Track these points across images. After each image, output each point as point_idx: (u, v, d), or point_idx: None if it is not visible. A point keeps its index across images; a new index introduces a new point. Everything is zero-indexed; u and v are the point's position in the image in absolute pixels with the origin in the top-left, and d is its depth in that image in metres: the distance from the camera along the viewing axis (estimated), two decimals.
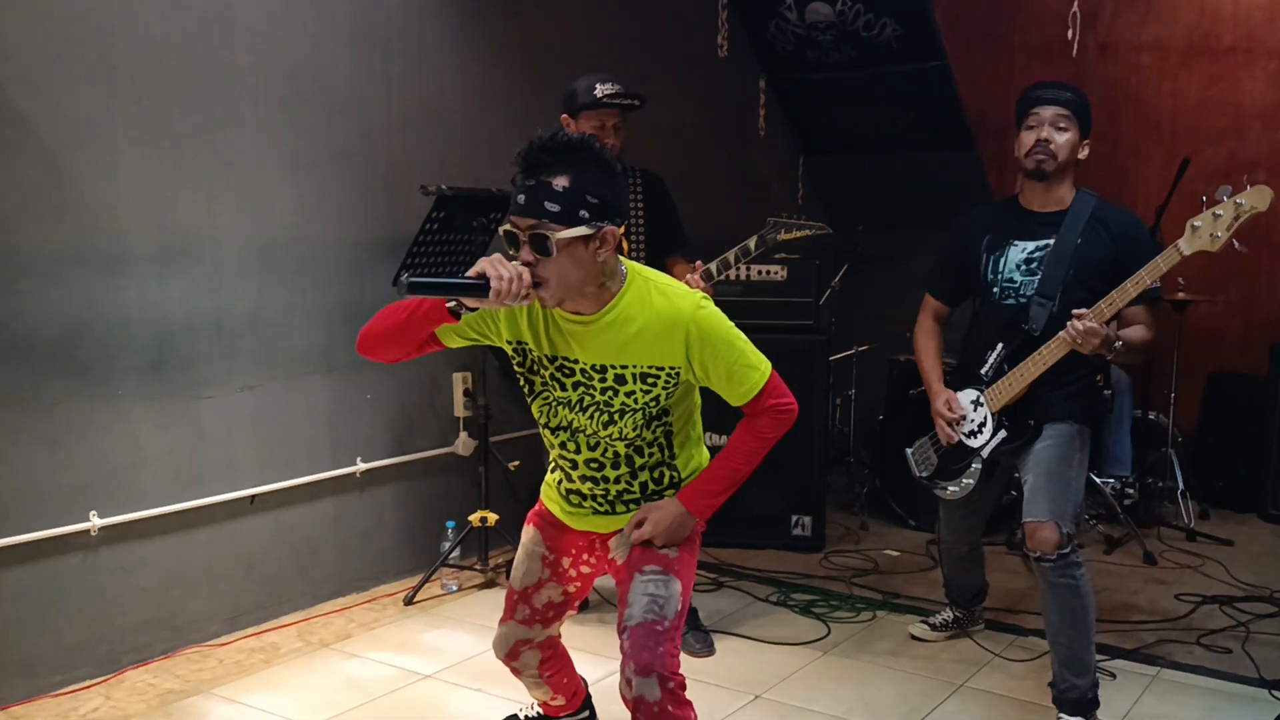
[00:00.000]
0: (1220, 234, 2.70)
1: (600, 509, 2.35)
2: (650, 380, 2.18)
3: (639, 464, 2.29)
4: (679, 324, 2.14)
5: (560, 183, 1.99)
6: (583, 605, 3.80)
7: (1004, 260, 3.10)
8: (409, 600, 3.90)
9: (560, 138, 2.03)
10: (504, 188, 3.88)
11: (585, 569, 2.48)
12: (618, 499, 2.33)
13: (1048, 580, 2.92)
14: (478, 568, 4.10)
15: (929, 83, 5.53)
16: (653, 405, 2.21)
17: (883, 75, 5.61)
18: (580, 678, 2.78)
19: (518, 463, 4.25)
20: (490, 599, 3.93)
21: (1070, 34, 5.67)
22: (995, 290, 3.11)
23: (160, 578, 3.37)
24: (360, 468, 3.97)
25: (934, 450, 3.28)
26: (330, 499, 3.90)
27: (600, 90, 3.38)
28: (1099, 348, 2.80)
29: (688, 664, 2.65)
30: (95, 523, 3.17)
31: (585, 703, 2.83)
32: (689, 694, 2.22)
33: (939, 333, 3.34)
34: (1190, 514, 4.90)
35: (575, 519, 2.41)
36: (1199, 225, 2.73)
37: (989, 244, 3.13)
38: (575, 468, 2.31)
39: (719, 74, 5.70)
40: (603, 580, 2.58)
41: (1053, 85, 3.07)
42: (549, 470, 2.46)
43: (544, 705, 2.77)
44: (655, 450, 2.29)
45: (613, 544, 2.34)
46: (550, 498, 2.47)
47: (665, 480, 2.32)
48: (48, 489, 3.08)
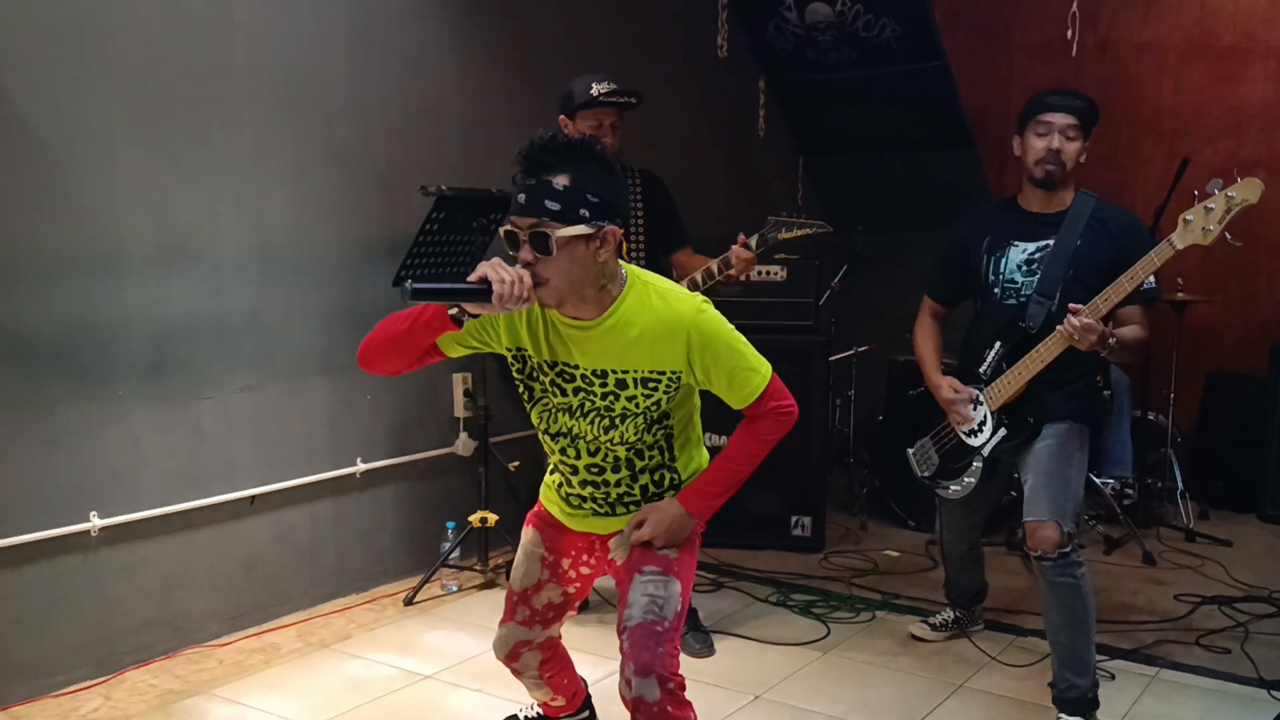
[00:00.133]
0: (1212, 227, 2.70)
1: (600, 511, 2.35)
2: (651, 385, 2.18)
3: (639, 467, 2.29)
4: (680, 328, 2.14)
5: (561, 181, 1.98)
6: (582, 606, 3.79)
7: (1005, 261, 3.10)
8: (409, 601, 3.90)
9: (561, 138, 2.03)
10: (504, 188, 3.88)
11: (585, 570, 2.48)
12: (618, 501, 2.33)
13: (1048, 579, 2.92)
14: (478, 568, 4.11)
15: (929, 83, 5.53)
16: (654, 409, 2.21)
17: (882, 75, 5.61)
18: (580, 678, 2.79)
19: (518, 463, 4.25)
20: (490, 599, 3.93)
21: (1070, 33, 5.67)
22: (996, 291, 3.11)
23: (160, 578, 3.38)
24: (360, 468, 3.97)
25: (935, 450, 3.28)
26: (330, 499, 3.90)
27: (596, 89, 3.37)
28: (1095, 344, 2.80)
29: (687, 664, 2.66)
30: (95, 523, 3.17)
31: (585, 703, 2.83)
32: (689, 694, 2.22)
33: (938, 331, 3.35)
34: (1189, 514, 4.90)
35: (575, 520, 2.41)
36: (1191, 219, 2.73)
37: (989, 245, 3.14)
38: (575, 473, 2.31)
39: (719, 74, 5.70)
40: (602, 581, 2.58)
41: (1065, 93, 3.05)
42: (548, 471, 2.46)
43: (544, 706, 2.78)
44: (656, 453, 2.29)
45: (612, 544, 2.34)
46: (549, 499, 2.47)
47: (666, 482, 2.32)
48: (48, 490, 3.08)
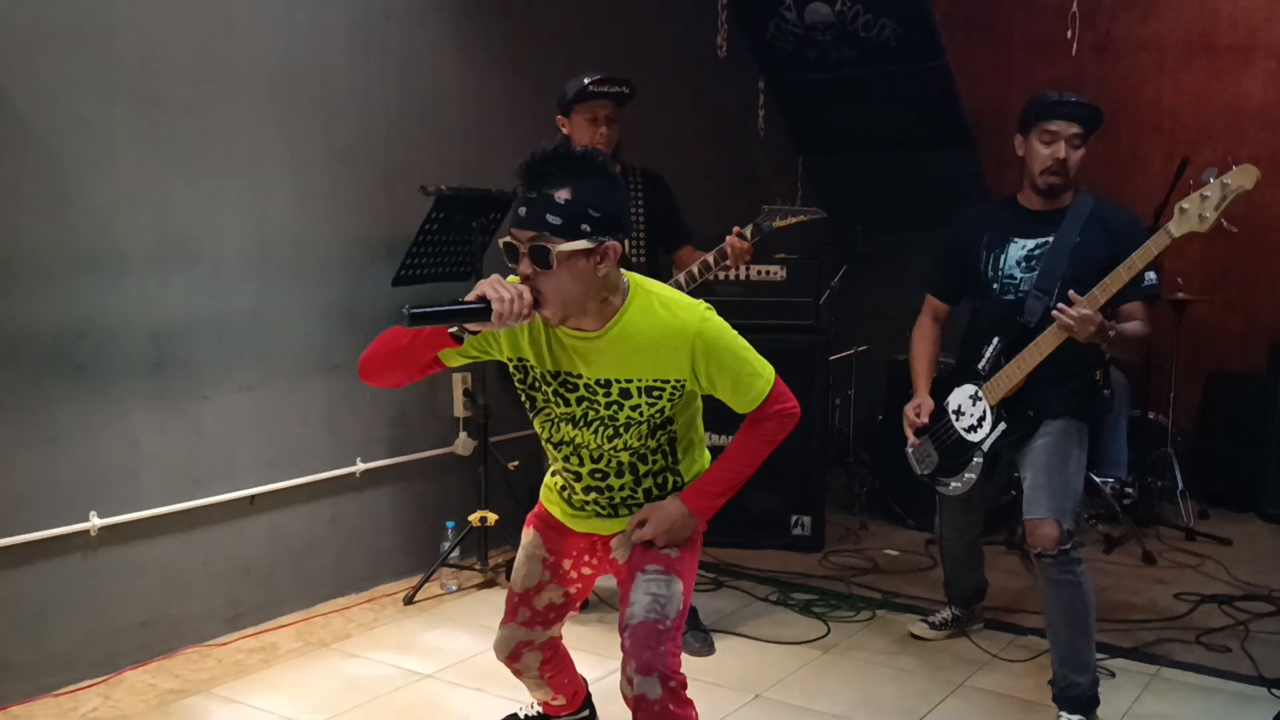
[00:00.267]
0: (1209, 214, 2.69)
1: (603, 512, 2.35)
2: (656, 393, 2.17)
3: (643, 471, 2.29)
4: (684, 337, 2.12)
5: (562, 195, 1.96)
6: (582, 605, 3.80)
7: (1004, 257, 3.11)
8: (408, 600, 3.90)
9: (562, 150, 2.01)
10: (503, 188, 3.88)
11: (586, 570, 2.48)
12: (622, 504, 2.33)
13: (1048, 577, 2.92)
14: (477, 568, 4.10)
15: (928, 82, 5.53)
16: (657, 417, 2.21)
17: (882, 75, 5.60)
18: (581, 677, 2.78)
19: (517, 463, 4.25)
20: (490, 599, 3.93)
21: (1069, 33, 5.67)
22: (995, 286, 3.11)
23: (160, 578, 3.37)
24: (360, 468, 3.97)
25: (935, 447, 3.28)
26: (329, 499, 3.89)
27: (587, 80, 3.39)
28: (1093, 335, 2.79)
29: (687, 663, 2.65)
30: (95, 523, 3.17)
31: (585, 702, 2.83)
32: (689, 693, 2.22)
33: (936, 335, 3.35)
34: (1189, 513, 4.90)
35: (577, 521, 2.41)
36: (1187, 208, 2.73)
37: (989, 241, 3.14)
38: (579, 479, 2.31)
39: (718, 74, 5.70)
40: (602, 580, 2.58)
41: (1071, 99, 3.01)
42: (549, 473, 2.46)
43: (544, 705, 2.78)
44: (659, 457, 2.29)
45: (614, 543, 2.34)
46: (550, 500, 2.46)
47: (669, 485, 2.32)
48: (47, 489, 3.08)
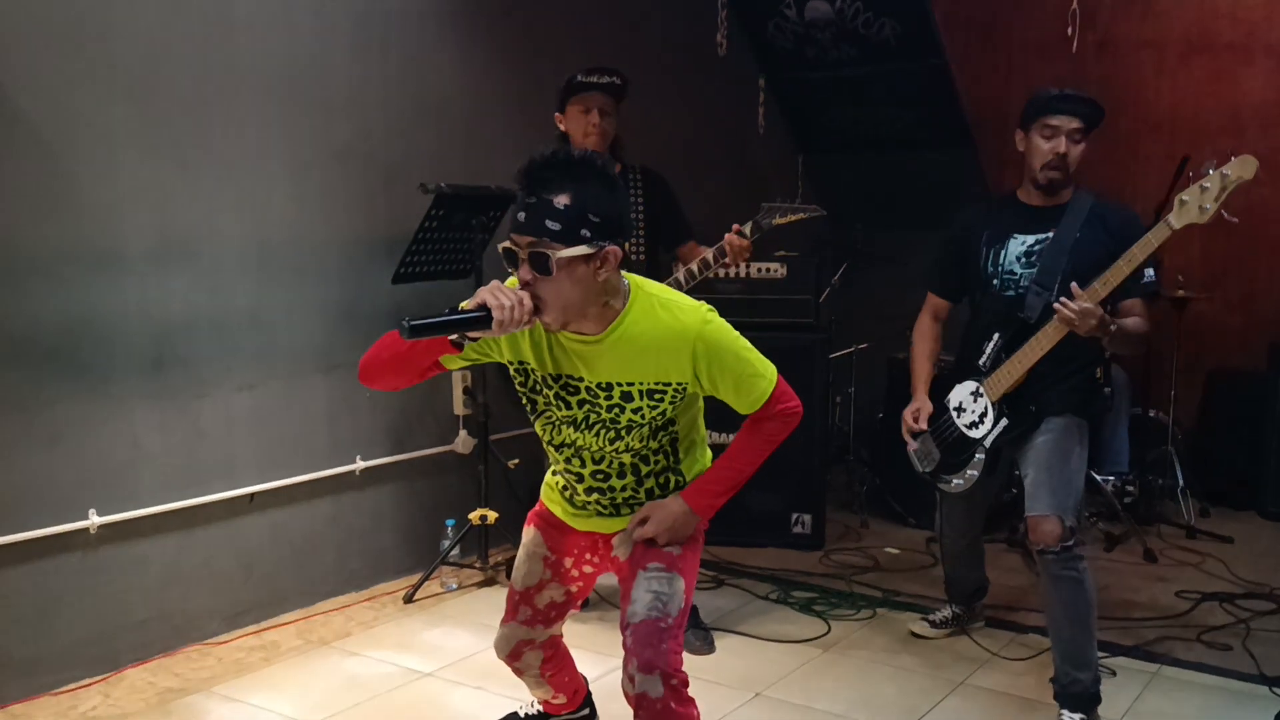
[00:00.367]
0: (1209, 206, 2.68)
1: (604, 511, 2.35)
2: (657, 396, 2.17)
3: (645, 471, 2.29)
4: (686, 340, 2.12)
5: (562, 200, 1.95)
6: (583, 604, 3.80)
7: (1004, 253, 3.11)
8: (408, 598, 3.89)
9: (561, 154, 2.00)
10: (503, 186, 3.87)
11: (588, 569, 2.48)
12: (623, 504, 2.33)
13: (1050, 573, 2.92)
14: (477, 566, 4.10)
15: (928, 81, 5.52)
16: (659, 419, 2.21)
17: (882, 73, 5.60)
18: (581, 675, 2.78)
19: (517, 461, 4.24)
20: (490, 597, 3.92)
21: (1069, 31, 5.66)
22: (995, 282, 3.11)
23: (159, 576, 3.37)
24: (359, 466, 3.96)
25: (936, 445, 3.28)
26: (329, 497, 3.89)
27: (579, 73, 3.39)
28: (1094, 328, 2.79)
29: (687, 662, 2.65)
30: (94, 521, 3.17)
31: (586, 700, 2.83)
32: (690, 692, 2.22)
33: (937, 334, 3.35)
34: (1190, 511, 4.90)
35: (578, 520, 2.40)
36: (1187, 200, 2.72)
37: (989, 238, 3.14)
38: (581, 480, 2.31)
39: (718, 72, 5.69)
40: (603, 579, 2.58)
41: (1072, 95, 3.00)
42: (550, 471, 2.45)
43: (545, 704, 2.78)
44: (661, 458, 2.29)
45: (616, 541, 2.34)
46: (552, 499, 2.46)
47: (671, 485, 2.32)
48: (47, 487, 3.07)
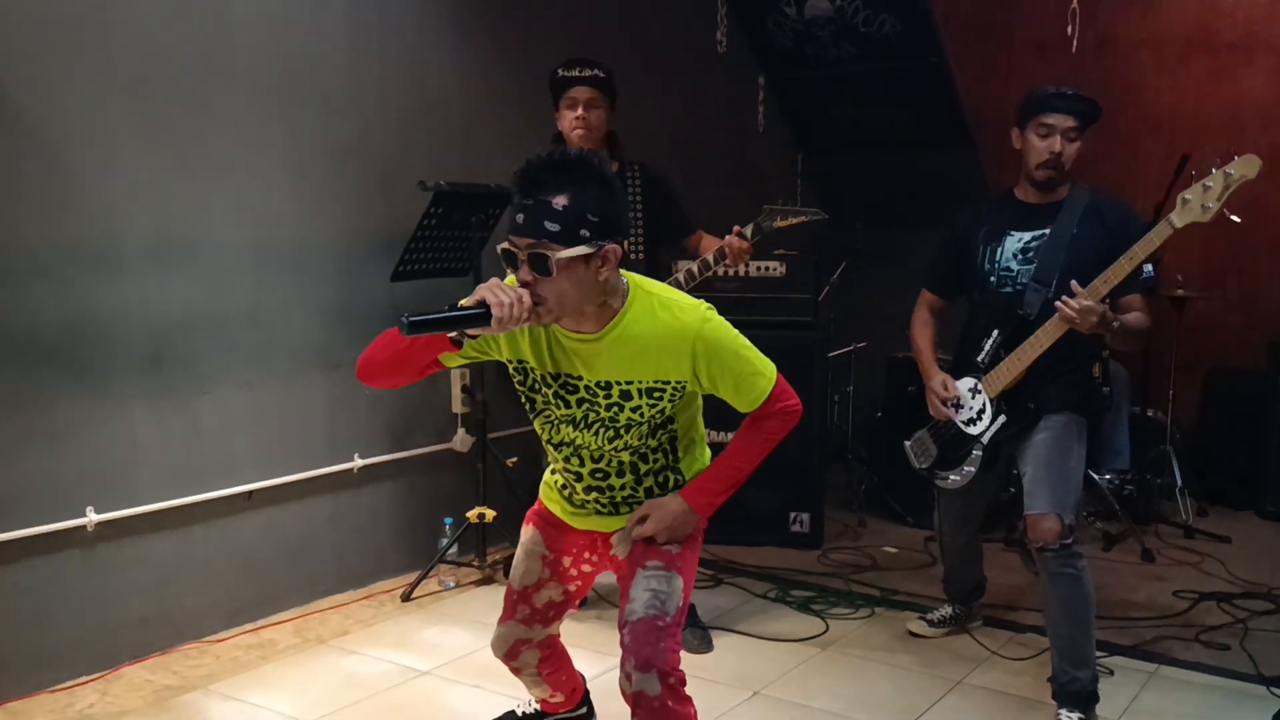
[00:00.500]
0: (1211, 205, 2.68)
1: (604, 510, 2.35)
2: (656, 395, 2.17)
3: (644, 470, 2.29)
4: (685, 339, 2.12)
5: (560, 201, 1.95)
6: (581, 603, 3.80)
7: (1001, 250, 3.11)
8: (406, 597, 3.89)
9: (557, 155, 1.99)
10: (502, 184, 3.86)
11: (586, 567, 2.48)
12: (622, 503, 2.33)
13: (1049, 571, 2.92)
14: (475, 564, 4.10)
15: (928, 79, 5.51)
16: (658, 417, 2.21)
17: (882, 71, 5.59)
18: (579, 674, 2.78)
19: (516, 459, 4.24)
20: (488, 595, 3.92)
21: (1070, 29, 5.65)
22: (993, 279, 3.11)
23: (157, 574, 3.37)
24: (358, 464, 3.96)
25: (933, 441, 3.28)
26: (328, 495, 3.89)
27: (563, 65, 3.40)
28: (1097, 326, 2.78)
29: (685, 660, 2.64)
30: (92, 518, 3.16)
31: (584, 699, 2.83)
32: (687, 690, 2.22)
33: (934, 323, 3.36)
34: (1188, 511, 4.89)
35: (577, 519, 2.40)
36: (1190, 198, 2.72)
37: (986, 235, 3.15)
38: (580, 479, 2.31)
39: (717, 70, 5.69)
40: (601, 577, 2.58)
41: (1067, 93, 3.00)
42: (548, 470, 2.45)
43: (542, 703, 2.77)
44: (660, 456, 2.29)
45: (614, 539, 2.34)
46: (550, 498, 2.46)
47: (670, 484, 2.32)
48: (45, 485, 3.07)
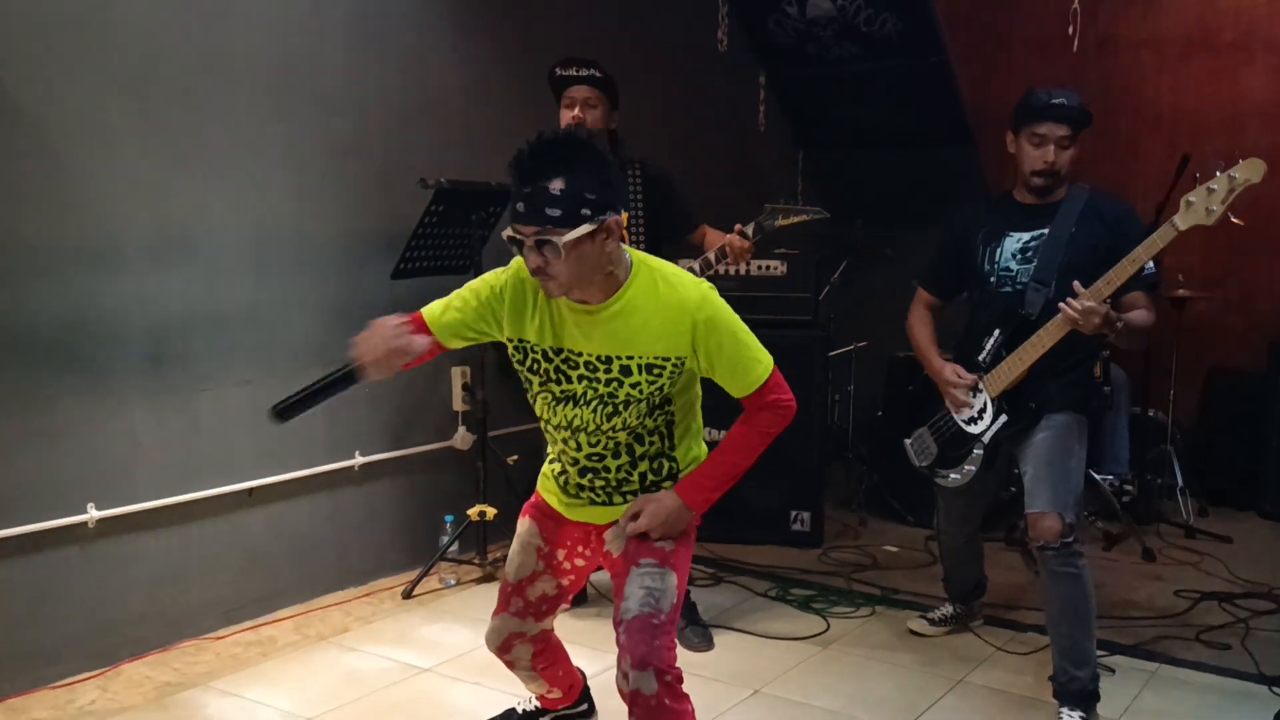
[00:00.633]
0: (1215, 208, 2.68)
1: (598, 499, 2.35)
2: (656, 371, 2.18)
3: (639, 453, 2.29)
4: (686, 314, 2.14)
5: (557, 186, 1.99)
6: (580, 600, 3.81)
7: (1000, 250, 3.11)
8: (407, 594, 3.89)
9: (546, 139, 2.03)
10: (503, 182, 3.84)
11: (580, 561, 2.48)
12: (616, 490, 2.32)
13: (1050, 569, 2.92)
14: (476, 562, 4.10)
15: (929, 78, 5.51)
16: (656, 395, 2.21)
17: (883, 71, 5.59)
18: (577, 671, 2.78)
19: (516, 457, 4.24)
20: (488, 593, 3.91)
21: (1070, 29, 5.65)
22: (992, 280, 3.11)
23: (157, 571, 3.37)
24: (358, 461, 3.96)
25: (934, 439, 3.28)
26: (328, 493, 3.89)
27: (560, 64, 3.40)
28: (1100, 326, 2.78)
29: (686, 659, 2.65)
30: (92, 515, 3.16)
31: (583, 695, 2.83)
32: (687, 688, 2.22)
33: (932, 320, 3.36)
34: (1189, 511, 4.90)
35: (572, 510, 2.40)
36: (1194, 201, 2.71)
37: (985, 236, 3.15)
38: (576, 463, 2.31)
39: (718, 69, 5.69)
40: (601, 575, 2.57)
41: (1058, 100, 2.99)
42: (547, 461, 2.46)
43: (541, 699, 2.78)
44: (655, 439, 2.29)
45: (608, 536, 2.34)
46: (547, 489, 2.47)
47: (664, 471, 2.32)
48: (45, 482, 3.07)
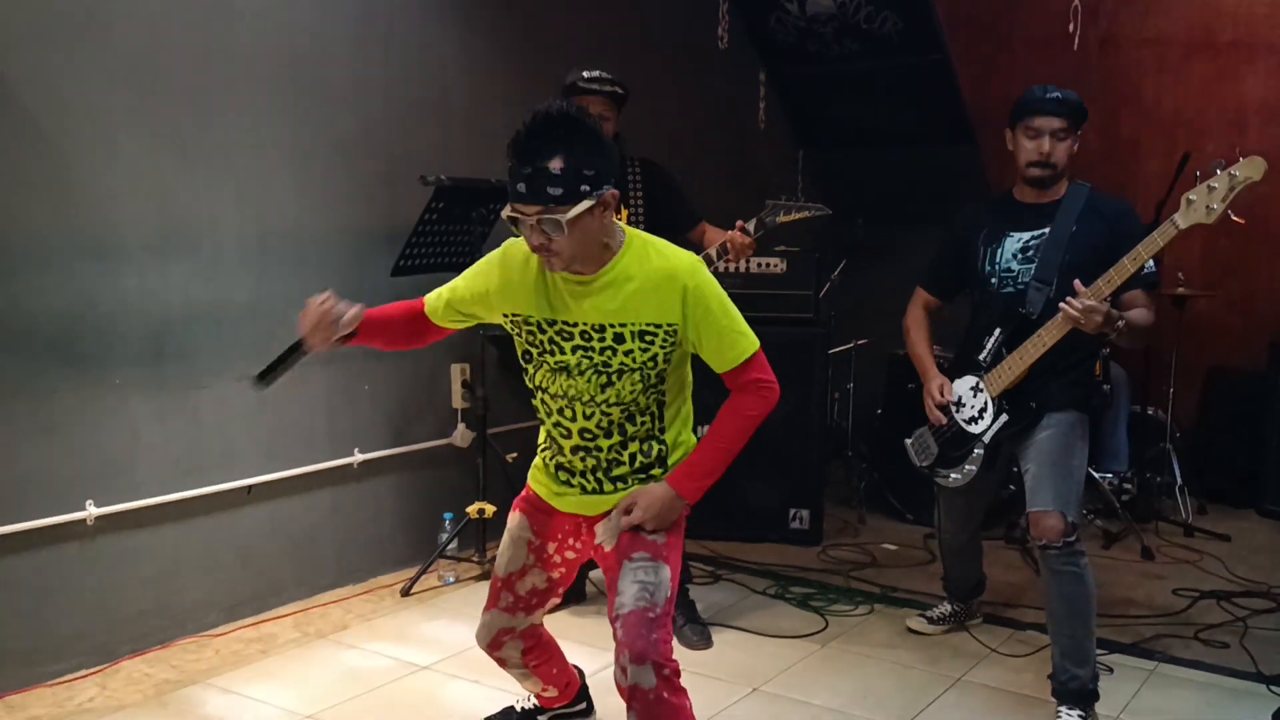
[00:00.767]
0: (1216, 206, 2.67)
1: (588, 486, 2.35)
2: (649, 338, 2.21)
3: (630, 432, 2.30)
4: (676, 280, 2.19)
5: (556, 165, 2.05)
6: (580, 598, 3.81)
7: (1000, 251, 3.11)
8: (406, 591, 3.89)
9: (541, 118, 2.07)
10: (503, 179, 3.86)
11: (570, 554, 2.48)
12: (606, 473, 2.33)
13: (1052, 568, 2.92)
14: (475, 559, 4.10)
15: (930, 76, 5.51)
16: (650, 365, 2.23)
17: (883, 69, 5.59)
18: (573, 669, 2.77)
19: (515, 455, 4.24)
20: (487, 591, 3.91)
21: (1071, 28, 5.65)
22: (994, 280, 3.11)
23: (157, 567, 3.37)
24: (358, 459, 3.96)
25: (934, 439, 3.28)
26: (328, 490, 3.89)
27: (583, 74, 3.40)
28: (1102, 325, 2.78)
29: (685, 656, 2.65)
30: (92, 512, 3.16)
31: (581, 694, 2.83)
32: (687, 685, 2.22)
33: (929, 323, 3.37)
34: (1188, 509, 4.90)
35: (562, 500, 2.41)
36: (1194, 199, 2.71)
37: (986, 236, 3.15)
38: (569, 437, 2.32)
39: (718, 66, 5.68)
40: (600, 574, 2.57)
41: (1052, 97, 3.01)
42: (539, 450, 2.46)
43: (538, 697, 2.77)
44: (647, 419, 2.30)
45: (600, 529, 2.34)
46: (538, 480, 2.47)
47: (654, 454, 2.33)
48: (45, 478, 3.07)
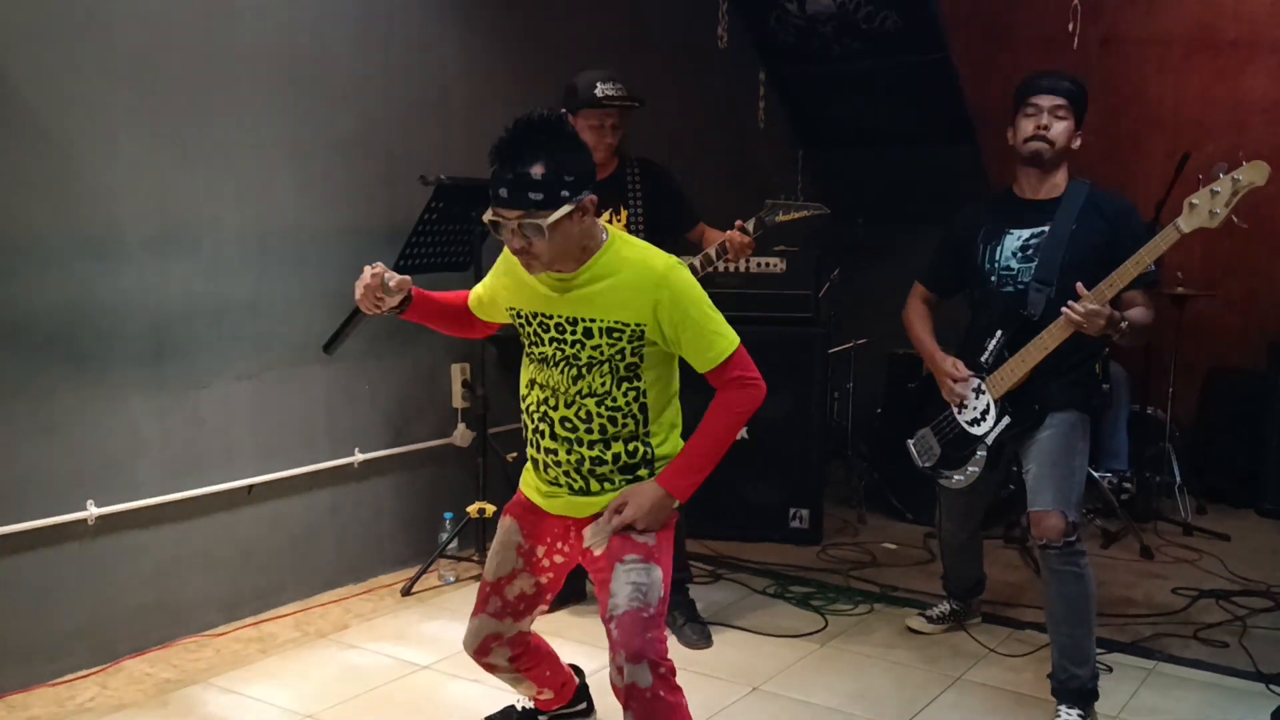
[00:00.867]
0: (1219, 210, 2.68)
1: (575, 485, 2.35)
2: (615, 335, 2.25)
3: (612, 433, 2.30)
4: (650, 283, 2.23)
5: (538, 171, 2.09)
6: (579, 598, 3.81)
7: (1000, 249, 3.10)
8: (406, 591, 3.90)
9: (523, 124, 2.13)
10: None
11: (559, 559, 2.47)
12: (590, 473, 2.33)
13: (1052, 568, 2.92)
14: (475, 559, 4.10)
15: (930, 76, 5.51)
16: (618, 359, 2.26)
17: (884, 68, 5.58)
18: (569, 670, 2.76)
19: (516, 454, 4.24)
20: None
21: (1071, 27, 5.65)
22: (993, 279, 3.11)
23: (157, 567, 3.37)
24: (358, 458, 3.96)
25: (936, 440, 3.28)
26: (328, 489, 3.89)
27: (601, 89, 3.37)
28: (1104, 328, 2.79)
29: (686, 656, 2.66)
30: (92, 511, 3.16)
31: (580, 694, 2.82)
32: (685, 684, 2.23)
33: (929, 313, 3.37)
34: (1187, 509, 4.90)
35: (551, 502, 2.41)
36: (1197, 203, 2.71)
37: (985, 234, 3.14)
38: (552, 425, 2.33)
39: (718, 66, 5.68)
40: None
41: (1052, 74, 3.08)
42: (527, 445, 2.46)
43: (535, 700, 2.76)
44: (630, 421, 2.31)
45: (588, 532, 2.34)
46: (528, 483, 2.48)
47: (639, 455, 2.33)
48: (44, 477, 3.07)
